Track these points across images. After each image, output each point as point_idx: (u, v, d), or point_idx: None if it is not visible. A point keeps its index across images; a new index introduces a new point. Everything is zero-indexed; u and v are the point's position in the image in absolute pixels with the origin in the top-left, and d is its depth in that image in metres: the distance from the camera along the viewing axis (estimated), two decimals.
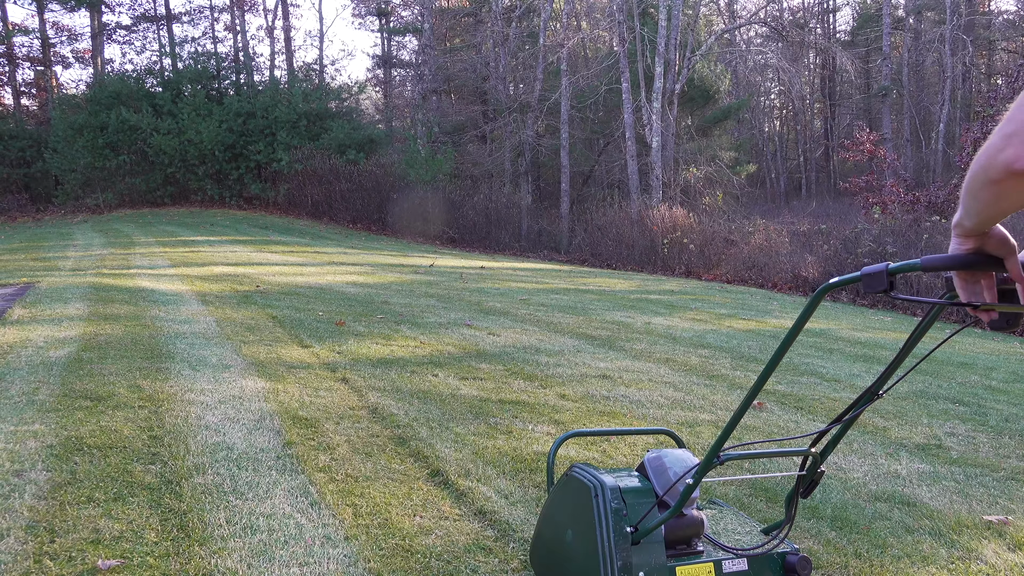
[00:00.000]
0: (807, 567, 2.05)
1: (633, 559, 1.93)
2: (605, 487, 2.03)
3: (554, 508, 2.22)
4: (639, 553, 1.94)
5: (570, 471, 2.17)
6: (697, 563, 1.98)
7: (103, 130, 23.99)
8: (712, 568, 1.98)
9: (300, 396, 4.07)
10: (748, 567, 2.01)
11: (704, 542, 2.09)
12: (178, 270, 9.70)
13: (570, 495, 2.13)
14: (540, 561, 2.26)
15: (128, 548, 2.36)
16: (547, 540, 2.23)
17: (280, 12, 35.21)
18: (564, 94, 22.39)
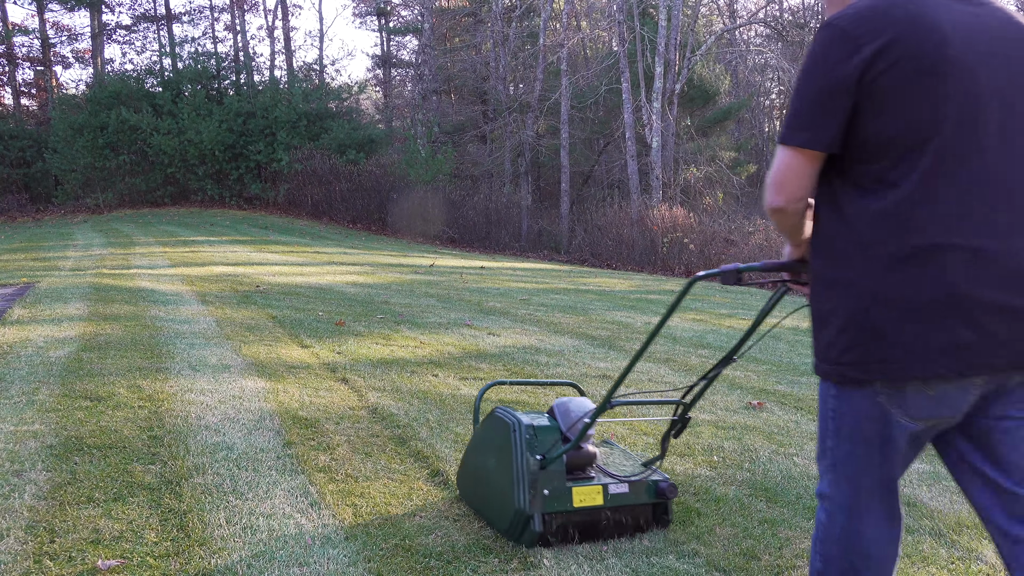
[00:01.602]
0: (674, 491, 2.61)
1: (540, 481, 2.45)
2: (521, 424, 2.54)
3: (479, 441, 2.72)
4: (545, 476, 2.46)
5: (494, 411, 2.68)
6: (589, 485, 2.53)
7: (103, 130, 23.99)
8: (601, 490, 2.53)
9: (300, 396, 4.07)
10: (629, 490, 2.57)
11: (596, 470, 2.63)
12: (178, 270, 9.70)
13: (493, 430, 2.63)
14: (466, 485, 2.77)
15: (128, 548, 2.36)
16: (473, 468, 2.75)
17: (280, 12, 35.22)
18: (564, 94, 22.39)
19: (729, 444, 3.69)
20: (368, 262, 12.69)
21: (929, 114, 1.53)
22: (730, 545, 2.59)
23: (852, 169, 1.60)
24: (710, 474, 3.26)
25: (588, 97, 24.26)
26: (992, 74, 1.56)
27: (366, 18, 39.95)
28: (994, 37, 1.58)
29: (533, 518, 2.44)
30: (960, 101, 1.53)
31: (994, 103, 1.55)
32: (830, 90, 1.55)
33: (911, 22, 1.53)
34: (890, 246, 1.55)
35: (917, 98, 1.52)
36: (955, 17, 1.55)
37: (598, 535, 2.57)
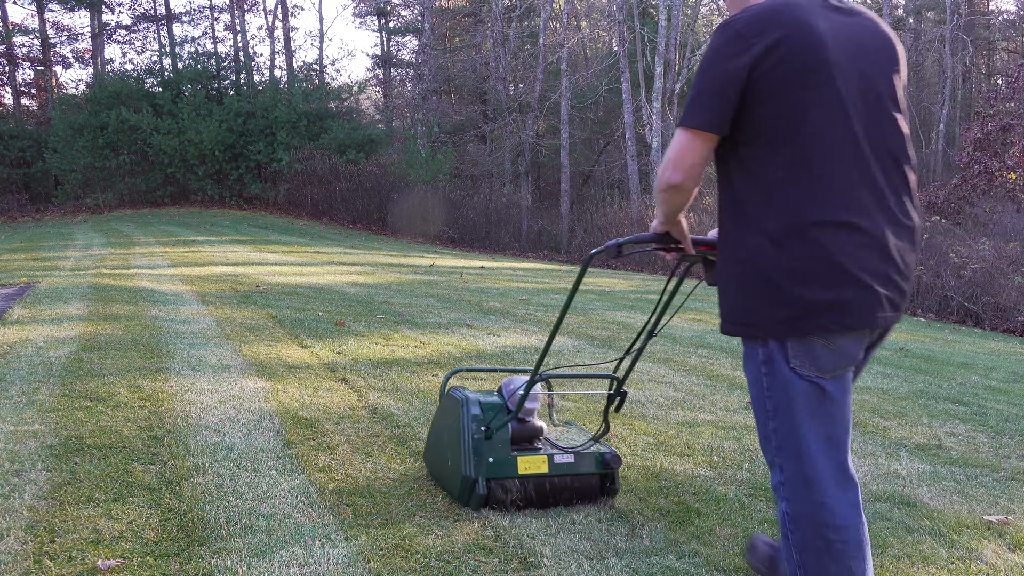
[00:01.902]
0: (618, 462, 2.83)
1: (485, 449, 2.70)
2: (469, 401, 2.81)
3: (437, 419, 2.99)
4: (490, 446, 2.71)
5: (449, 391, 2.95)
6: (535, 455, 2.77)
7: (103, 130, 24.00)
8: (546, 459, 2.77)
9: (300, 396, 4.07)
10: (574, 460, 2.80)
11: (544, 442, 2.91)
12: (178, 270, 9.70)
13: (447, 408, 2.91)
14: (429, 458, 3.08)
15: (128, 548, 2.36)
16: (432, 442, 3.03)
17: (280, 12, 35.22)
18: (564, 94, 22.39)
19: (729, 444, 3.69)
20: (368, 262, 12.69)
21: (806, 107, 1.77)
22: (730, 545, 2.59)
23: (741, 153, 1.85)
24: (710, 474, 3.26)
25: (588, 97, 24.27)
26: (859, 75, 1.81)
27: (366, 18, 39.94)
28: (861, 44, 1.84)
29: (478, 482, 2.71)
30: (832, 97, 1.77)
31: (859, 101, 1.81)
32: (724, 81, 1.77)
33: (796, 26, 1.76)
34: (775, 222, 1.79)
35: (797, 92, 1.76)
36: (832, 24, 1.80)
37: (545, 501, 2.79)
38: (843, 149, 1.79)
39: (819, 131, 1.77)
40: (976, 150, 15.35)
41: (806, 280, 1.77)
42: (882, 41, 1.89)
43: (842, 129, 1.79)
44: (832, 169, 1.78)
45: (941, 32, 30.62)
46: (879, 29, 1.89)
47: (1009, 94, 15.87)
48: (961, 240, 12.55)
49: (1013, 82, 15.89)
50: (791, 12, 1.78)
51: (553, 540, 2.56)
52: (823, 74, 1.76)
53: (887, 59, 1.88)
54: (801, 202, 1.78)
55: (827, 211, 1.77)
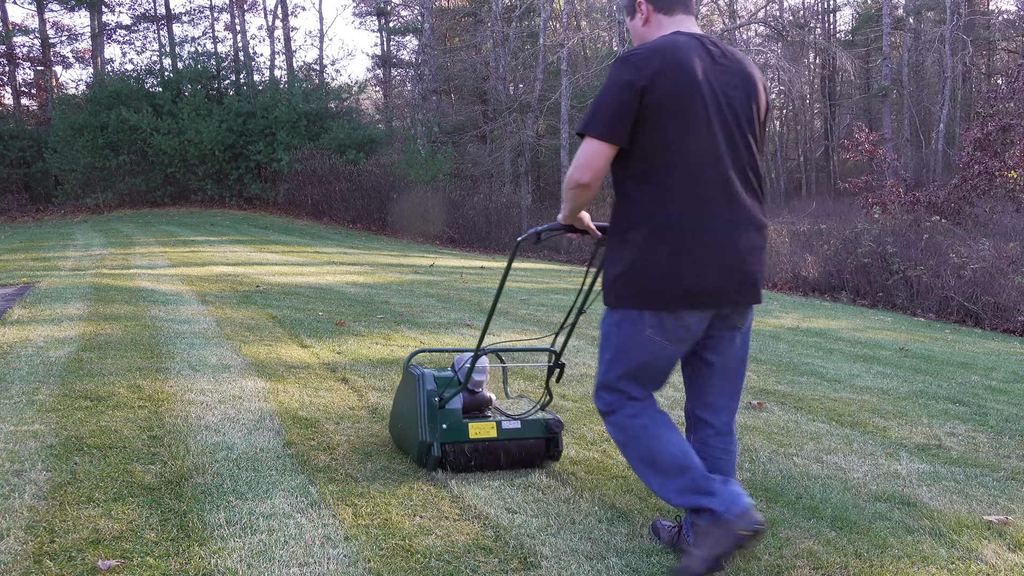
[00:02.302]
0: (559, 426, 3.17)
1: (439, 417, 3.04)
2: (425, 376, 3.14)
3: (399, 394, 3.33)
4: (443, 414, 3.05)
5: (408, 369, 3.28)
6: (484, 422, 3.10)
7: (103, 130, 23.99)
8: (495, 425, 3.10)
9: (300, 396, 4.07)
10: (521, 426, 3.13)
11: (494, 412, 3.26)
12: (178, 270, 9.70)
13: (406, 383, 3.25)
14: (393, 429, 3.43)
15: (128, 548, 2.36)
16: (395, 413, 3.39)
17: (280, 12, 35.23)
18: (564, 94, 22.39)
19: None
20: (368, 262, 12.69)
21: (680, 128, 2.18)
22: None
23: (629, 162, 2.25)
24: None
25: (588, 97, 24.25)
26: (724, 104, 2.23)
27: (366, 18, 39.96)
28: (727, 80, 2.25)
29: (433, 446, 3.03)
30: (701, 121, 2.20)
31: (722, 125, 2.23)
32: (622, 104, 2.16)
33: (675, 63, 2.17)
34: (650, 223, 2.25)
35: (674, 116, 2.17)
36: (705, 64, 2.22)
37: (495, 464, 3.13)
38: (708, 163, 2.22)
39: (689, 148, 2.20)
40: (976, 150, 15.34)
41: (670, 267, 2.24)
42: (745, 79, 2.30)
43: (708, 147, 2.22)
44: (698, 179, 2.22)
45: (941, 32, 30.61)
46: (744, 69, 2.31)
47: (1009, 94, 15.85)
48: (961, 240, 12.55)
49: (1013, 82, 15.88)
50: (673, 51, 2.20)
51: (553, 540, 2.56)
52: (695, 103, 2.18)
53: (747, 94, 2.29)
54: (672, 206, 2.23)
55: (691, 215, 2.22)
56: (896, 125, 34.53)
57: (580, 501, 2.90)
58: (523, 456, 3.17)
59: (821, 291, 13.20)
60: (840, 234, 14.11)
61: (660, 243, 2.24)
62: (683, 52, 2.20)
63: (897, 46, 34.50)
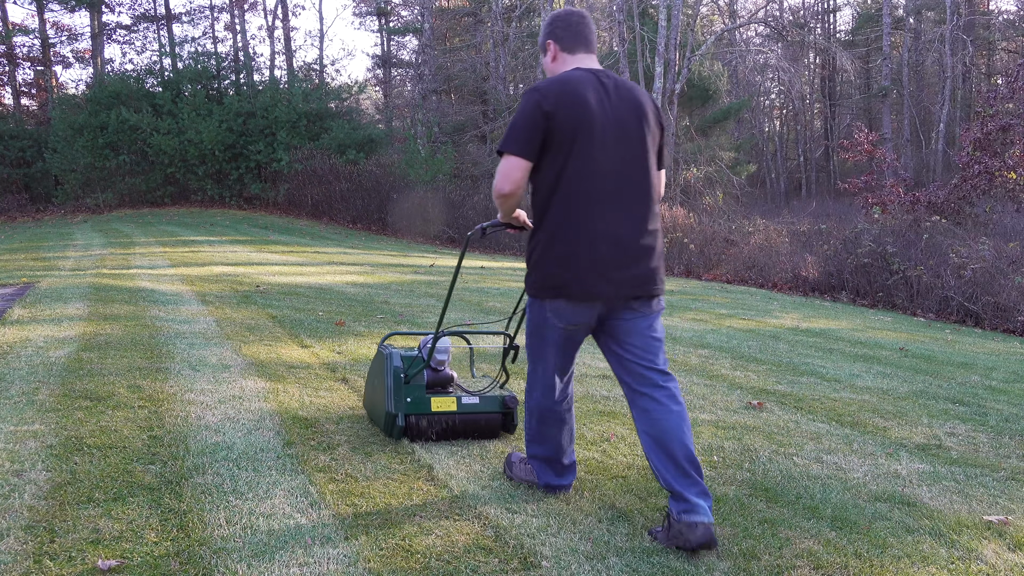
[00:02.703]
0: (514, 402, 3.51)
1: (404, 391, 3.40)
2: (393, 355, 3.49)
3: (370, 372, 3.71)
4: (408, 389, 3.41)
5: (379, 348, 3.63)
6: (445, 397, 3.46)
7: (103, 130, 23.97)
8: (455, 400, 3.46)
9: (300, 396, 4.07)
10: (479, 401, 3.49)
11: (456, 388, 3.62)
12: (178, 270, 9.70)
13: (377, 362, 3.60)
14: (366, 404, 3.80)
15: (128, 548, 2.36)
16: (367, 389, 3.76)
17: (280, 12, 35.22)
18: None
19: (729, 444, 3.69)
20: (368, 262, 12.69)
21: (577, 150, 2.63)
22: (730, 545, 2.59)
23: (541, 177, 2.70)
24: (710, 474, 3.26)
25: None
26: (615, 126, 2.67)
27: (366, 18, 39.97)
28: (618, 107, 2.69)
29: (398, 417, 3.38)
30: (595, 144, 2.64)
31: (614, 145, 2.67)
32: (532, 127, 2.62)
33: (573, 94, 2.64)
34: (551, 225, 2.68)
35: (572, 139, 2.62)
36: (598, 94, 2.67)
37: (455, 434, 3.48)
38: (600, 176, 2.65)
39: (586, 164, 2.64)
40: (976, 150, 15.33)
41: (563, 266, 2.65)
42: (636, 105, 2.72)
43: (600, 162, 2.65)
44: (592, 189, 2.65)
45: (941, 32, 30.61)
46: (635, 96, 2.74)
47: (1009, 94, 15.84)
48: (961, 240, 12.55)
49: (1013, 82, 15.87)
50: (571, 84, 2.67)
51: (553, 540, 2.56)
52: (589, 125, 2.63)
53: (637, 117, 2.71)
54: (573, 211, 2.65)
55: (588, 218, 2.64)
56: (896, 125, 34.54)
57: (580, 501, 2.90)
58: (481, 428, 3.51)
59: (821, 291, 13.20)
60: (840, 234, 14.11)
61: (558, 244, 2.67)
62: (580, 84, 2.67)
63: (897, 46, 34.51)
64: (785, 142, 42.52)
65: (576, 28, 2.81)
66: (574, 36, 2.81)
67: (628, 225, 2.67)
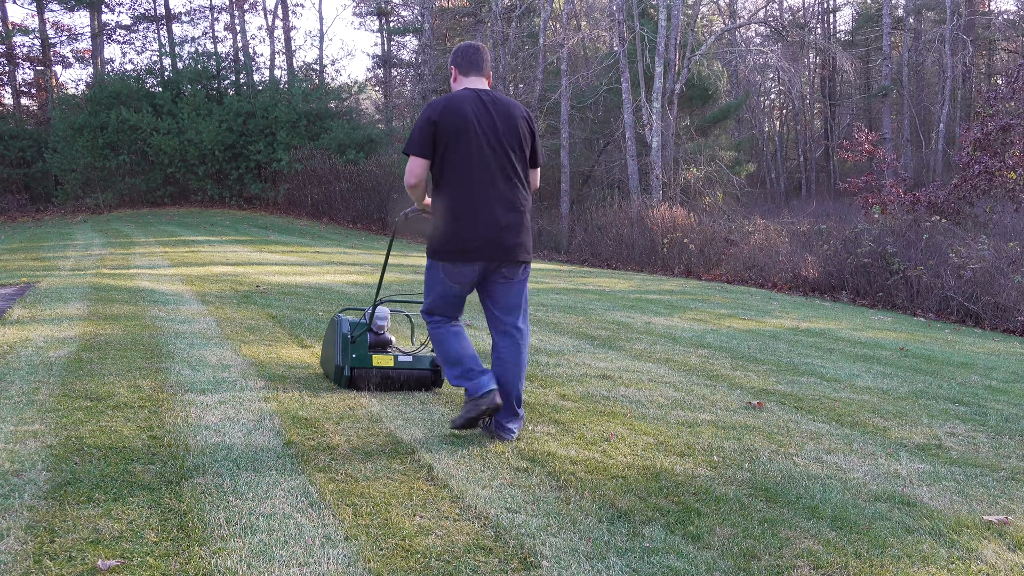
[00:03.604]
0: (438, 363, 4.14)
1: (350, 349, 4.21)
2: (343, 320, 4.34)
3: (326, 335, 4.54)
4: (354, 347, 4.22)
5: (332, 318, 4.45)
6: (384, 355, 4.27)
7: (103, 130, 23.97)
8: (393, 358, 4.27)
9: (300, 396, 4.07)
10: (412, 359, 4.31)
11: (394, 349, 4.44)
12: (178, 270, 9.70)
13: (330, 327, 4.44)
14: (321, 362, 4.63)
15: (128, 548, 2.36)
16: (323, 350, 4.60)
17: (280, 12, 35.22)
18: (564, 94, 22.38)
19: (729, 444, 3.69)
20: (368, 262, 12.69)
21: (457, 148, 3.44)
22: (730, 545, 2.59)
23: (435, 170, 3.52)
24: (710, 474, 3.26)
25: (588, 97, 24.25)
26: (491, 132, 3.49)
27: (366, 18, 39.95)
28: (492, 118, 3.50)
29: (345, 369, 4.20)
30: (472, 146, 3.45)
31: (489, 146, 3.48)
32: (425, 133, 3.45)
33: (455, 108, 3.46)
34: (443, 206, 3.50)
35: (453, 141, 3.44)
36: (476, 108, 3.48)
37: (393, 386, 4.26)
38: (476, 168, 3.47)
39: (465, 160, 3.46)
40: (976, 150, 15.32)
41: (451, 237, 3.49)
42: (507, 116, 3.54)
43: (476, 159, 3.46)
44: (470, 179, 3.47)
45: (941, 32, 30.60)
46: (507, 110, 3.55)
47: (1009, 94, 15.84)
48: (961, 240, 12.55)
49: (1013, 82, 15.86)
50: (455, 101, 3.49)
51: (553, 540, 2.56)
52: (468, 131, 3.44)
53: (507, 125, 3.52)
54: (456, 196, 3.48)
55: (467, 201, 3.47)
56: (896, 125, 34.53)
57: (580, 501, 2.90)
58: (414, 382, 4.30)
59: (821, 291, 13.20)
60: (840, 234, 14.11)
61: (447, 219, 3.50)
62: (462, 100, 3.50)
63: (897, 46, 34.50)
64: (785, 142, 42.52)
65: (470, 57, 3.65)
66: (468, 63, 3.65)
67: (500, 207, 3.49)
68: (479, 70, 3.65)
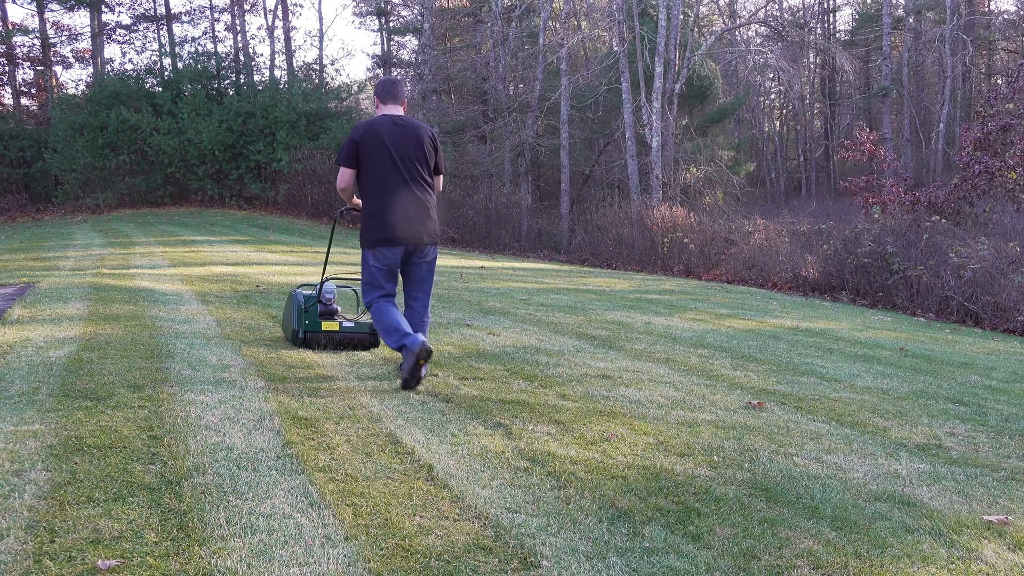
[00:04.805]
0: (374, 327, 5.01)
1: (303, 316, 5.17)
2: (298, 294, 5.28)
3: (285, 307, 5.58)
4: (306, 315, 5.17)
5: (291, 293, 5.41)
6: (332, 322, 5.24)
7: (103, 130, 23.97)
8: (338, 324, 5.22)
9: (300, 396, 4.07)
10: (354, 325, 5.26)
11: (340, 317, 5.36)
12: (178, 270, 9.70)
13: (288, 300, 5.43)
14: (282, 326, 5.66)
15: (128, 548, 2.36)
16: (283, 318, 5.62)
17: (280, 12, 35.22)
18: (564, 94, 22.38)
19: (729, 444, 3.69)
20: None
21: (373, 162, 4.40)
22: (730, 545, 2.59)
23: (359, 177, 4.47)
24: (710, 474, 3.26)
25: (588, 97, 24.24)
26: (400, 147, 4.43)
27: (366, 18, 39.93)
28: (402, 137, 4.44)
29: (299, 332, 5.22)
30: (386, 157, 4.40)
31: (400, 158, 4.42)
32: (350, 149, 4.41)
33: (372, 131, 4.41)
34: (367, 205, 4.47)
35: (371, 154, 4.40)
36: (389, 130, 4.42)
37: (340, 346, 5.28)
38: (388, 175, 4.41)
39: (380, 169, 4.41)
40: (976, 150, 15.31)
41: (376, 228, 4.42)
42: (414, 135, 4.48)
43: (389, 169, 4.41)
44: (385, 183, 4.42)
45: (941, 32, 30.61)
46: (415, 132, 4.48)
47: (1009, 94, 15.84)
48: (961, 240, 12.55)
49: (1013, 82, 15.86)
50: (373, 125, 4.44)
51: (553, 539, 2.56)
52: (381, 148, 4.40)
53: (415, 143, 4.47)
54: (375, 198, 4.43)
55: (385, 202, 4.41)
56: (896, 125, 34.53)
57: (580, 501, 2.90)
58: (355, 343, 5.30)
59: (821, 291, 13.20)
60: (840, 234, 14.10)
61: (370, 215, 4.46)
62: (378, 124, 4.46)
63: (897, 46, 34.50)
64: (785, 142, 42.52)
65: (389, 90, 4.59)
66: (387, 94, 4.59)
67: (410, 205, 4.46)
68: (396, 100, 4.58)
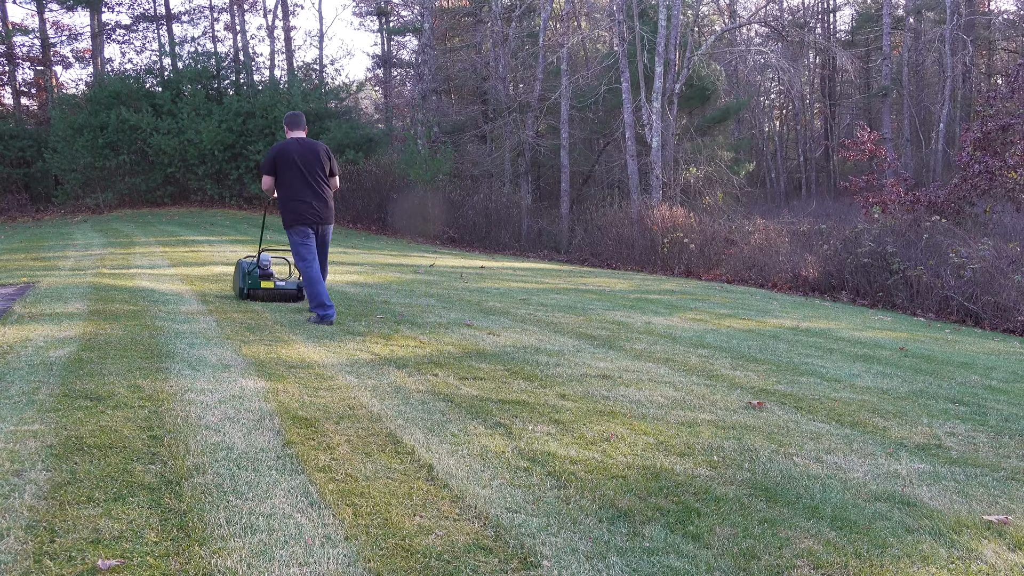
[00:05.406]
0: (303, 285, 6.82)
1: (245, 278, 7.18)
2: (243, 262, 7.29)
3: (234, 272, 7.64)
4: (249, 276, 7.17)
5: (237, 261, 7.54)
6: (268, 281, 7.17)
7: (103, 130, 23.96)
8: (273, 283, 7.17)
9: (300, 396, 4.07)
10: (286, 283, 7.22)
11: (275, 278, 7.23)
12: (178, 270, 9.70)
13: (236, 266, 7.46)
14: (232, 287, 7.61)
15: (128, 548, 2.36)
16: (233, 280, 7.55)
17: (280, 12, 35.22)
18: (564, 94, 22.38)
19: (729, 444, 3.69)
20: (368, 262, 12.69)
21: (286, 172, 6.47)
22: (730, 545, 2.59)
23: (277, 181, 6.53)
24: (710, 474, 3.26)
25: (588, 97, 24.23)
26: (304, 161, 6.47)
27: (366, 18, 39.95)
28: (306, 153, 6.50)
29: (243, 289, 7.09)
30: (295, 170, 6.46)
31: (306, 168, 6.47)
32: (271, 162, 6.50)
33: (285, 150, 6.49)
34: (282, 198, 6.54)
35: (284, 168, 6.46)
36: (297, 148, 6.49)
37: (274, 299, 7.08)
38: (297, 180, 6.44)
39: (291, 177, 6.44)
40: (976, 150, 15.31)
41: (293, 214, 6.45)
42: (314, 150, 6.51)
43: (298, 177, 6.44)
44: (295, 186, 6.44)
45: (941, 32, 30.60)
46: (315, 148, 6.53)
47: (1009, 94, 15.83)
48: (961, 240, 12.54)
49: (1013, 82, 15.86)
50: (286, 145, 6.49)
51: (553, 539, 2.56)
52: (290, 161, 6.42)
53: (315, 156, 6.48)
54: (289, 194, 6.46)
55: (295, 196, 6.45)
56: (896, 125, 34.53)
57: (580, 501, 2.90)
58: (287, 297, 7.11)
59: (821, 291, 13.20)
60: (840, 234, 14.09)
61: (287, 207, 6.42)
62: (289, 144, 6.45)
63: (897, 46, 34.50)
64: (785, 142, 42.51)
65: (295, 120, 6.60)
66: (294, 123, 6.60)
67: (312, 198, 6.44)
68: (300, 127, 6.58)
